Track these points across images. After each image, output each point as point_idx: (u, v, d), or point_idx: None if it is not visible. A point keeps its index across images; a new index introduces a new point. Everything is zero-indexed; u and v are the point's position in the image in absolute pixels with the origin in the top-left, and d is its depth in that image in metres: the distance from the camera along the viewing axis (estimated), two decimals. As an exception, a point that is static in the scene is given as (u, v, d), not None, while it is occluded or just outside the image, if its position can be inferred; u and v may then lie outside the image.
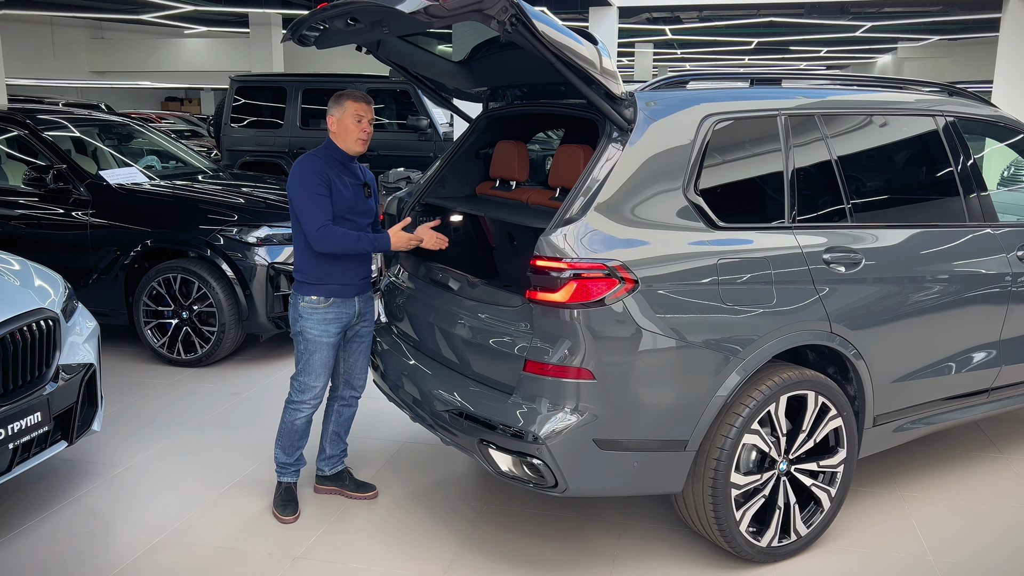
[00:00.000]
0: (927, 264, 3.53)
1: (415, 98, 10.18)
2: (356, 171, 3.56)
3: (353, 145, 3.45)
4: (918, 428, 3.68)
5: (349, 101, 3.43)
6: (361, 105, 3.44)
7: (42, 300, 3.59)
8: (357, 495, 3.77)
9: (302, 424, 3.59)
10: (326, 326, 3.47)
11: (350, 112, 3.42)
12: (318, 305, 3.46)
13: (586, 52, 2.79)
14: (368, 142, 3.49)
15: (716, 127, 3.12)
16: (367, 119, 3.45)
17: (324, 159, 3.45)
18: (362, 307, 3.60)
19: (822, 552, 3.36)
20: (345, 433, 3.84)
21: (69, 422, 3.60)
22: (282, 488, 3.66)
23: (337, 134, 3.46)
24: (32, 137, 5.88)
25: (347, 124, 3.43)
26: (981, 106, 4.07)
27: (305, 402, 3.55)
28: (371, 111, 3.47)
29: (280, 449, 3.64)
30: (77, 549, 3.36)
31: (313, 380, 3.52)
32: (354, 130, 3.43)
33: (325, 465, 3.83)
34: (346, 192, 3.44)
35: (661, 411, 2.93)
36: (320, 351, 3.49)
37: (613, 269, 2.81)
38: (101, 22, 23.98)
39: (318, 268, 3.44)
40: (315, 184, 3.35)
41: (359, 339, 3.69)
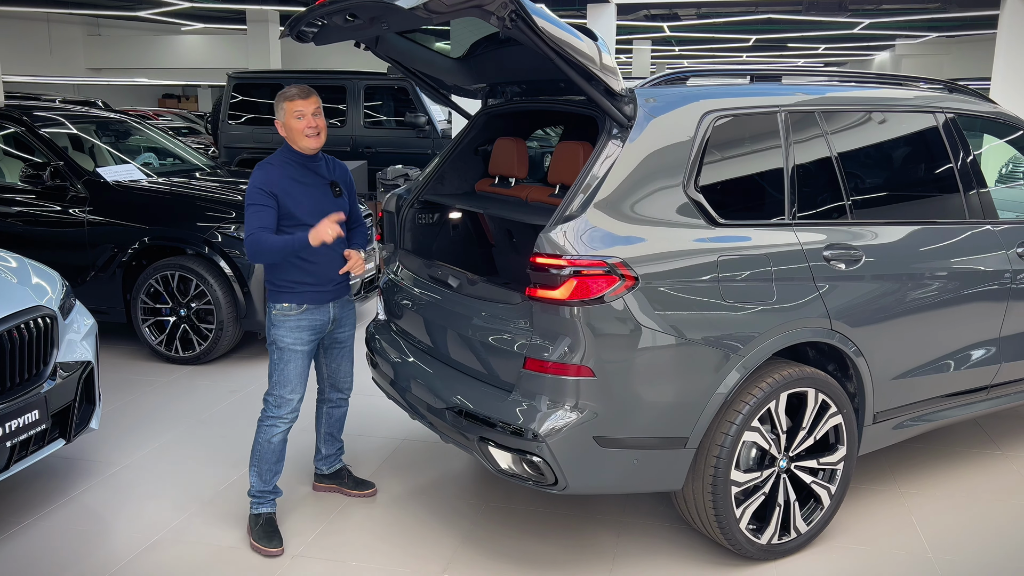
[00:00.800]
0: (927, 261, 3.53)
1: (413, 95, 10.17)
2: (321, 170, 3.40)
3: (303, 143, 3.29)
4: (918, 425, 3.67)
5: (285, 102, 3.28)
6: (297, 102, 3.27)
7: (39, 298, 3.58)
8: (356, 493, 3.74)
9: (278, 442, 3.39)
10: (299, 333, 3.34)
11: (288, 112, 3.27)
12: (290, 312, 3.33)
13: (586, 48, 2.77)
14: (321, 136, 3.32)
15: (716, 124, 3.11)
16: (310, 112, 3.27)
17: (280, 164, 3.32)
18: (338, 312, 3.47)
19: (822, 549, 3.36)
20: (339, 432, 3.77)
21: (67, 420, 3.59)
22: (261, 519, 3.38)
23: (287, 137, 3.33)
24: (29, 134, 5.86)
25: (290, 124, 3.28)
26: (981, 103, 4.06)
27: (282, 417, 3.37)
28: (313, 103, 3.29)
29: (256, 475, 3.40)
30: (75, 547, 3.35)
31: (289, 392, 3.36)
32: (299, 128, 3.27)
33: (323, 464, 3.79)
34: (306, 196, 3.29)
35: (661, 408, 2.93)
36: (295, 360, 3.34)
37: (613, 266, 2.80)
38: (98, 19, 23.93)
39: (288, 274, 3.31)
40: (254, 194, 3.23)
41: (339, 345, 3.58)
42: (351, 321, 3.60)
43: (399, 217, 3.90)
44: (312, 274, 3.33)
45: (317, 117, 3.30)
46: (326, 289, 3.38)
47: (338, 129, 10.50)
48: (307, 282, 3.33)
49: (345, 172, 3.55)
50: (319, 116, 3.31)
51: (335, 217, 3.21)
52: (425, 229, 3.98)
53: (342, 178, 3.51)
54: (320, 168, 3.41)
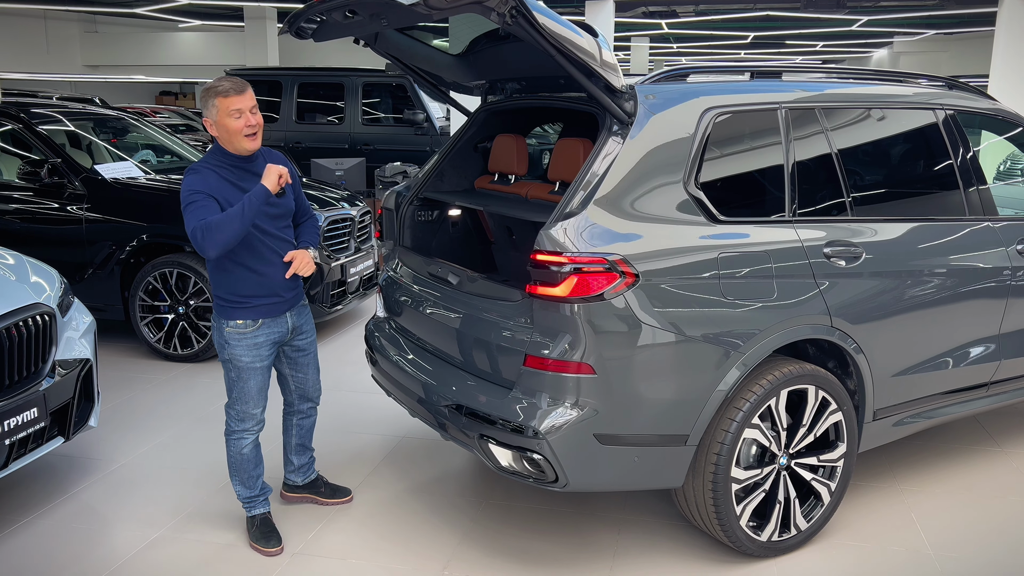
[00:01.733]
0: (927, 258, 3.53)
1: (411, 92, 10.16)
2: (257, 168, 3.12)
3: (241, 144, 3.03)
4: (918, 422, 3.67)
5: (217, 98, 2.96)
6: (232, 98, 2.96)
7: (38, 295, 3.57)
8: (332, 502, 3.58)
9: (250, 452, 3.29)
10: (258, 350, 3.17)
11: (223, 110, 2.97)
12: (246, 329, 3.13)
13: (586, 44, 2.77)
14: (259, 136, 3.05)
15: (716, 120, 3.10)
16: (248, 109, 2.99)
17: (212, 166, 3.05)
18: (296, 321, 3.29)
19: (822, 546, 3.36)
20: (310, 441, 3.61)
21: (66, 418, 3.58)
22: (257, 520, 3.34)
23: (220, 137, 3.03)
24: (26, 131, 5.85)
25: (225, 124, 2.98)
26: (980, 99, 4.06)
27: (248, 430, 3.27)
28: (250, 99, 2.99)
29: (239, 484, 3.34)
30: (74, 545, 3.34)
31: (252, 407, 3.24)
32: (236, 128, 2.99)
33: (296, 476, 3.63)
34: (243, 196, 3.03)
35: (662, 406, 2.92)
36: (254, 377, 3.19)
37: (614, 263, 2.79)
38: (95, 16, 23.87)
39: (238, 290, 3.11)
40: (190, 195, 2.98)
41: (302, 353, 3.39)
42: (310, 327, 3.42)
43: (398, 214, 3.89)
44: (263, 285, 3.14)
45: (255, 114, 3.03)
46: (280, 299, 3.20)
47: (336, 126, 10.49)
48: (259, 295, 3.14)
49: (285, 163, 3.21)
50: (256, 113, 3.04)
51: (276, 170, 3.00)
52: (424, 226, 3.97)
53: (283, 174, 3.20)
54: (258, 167, 3.13)
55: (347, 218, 6.22)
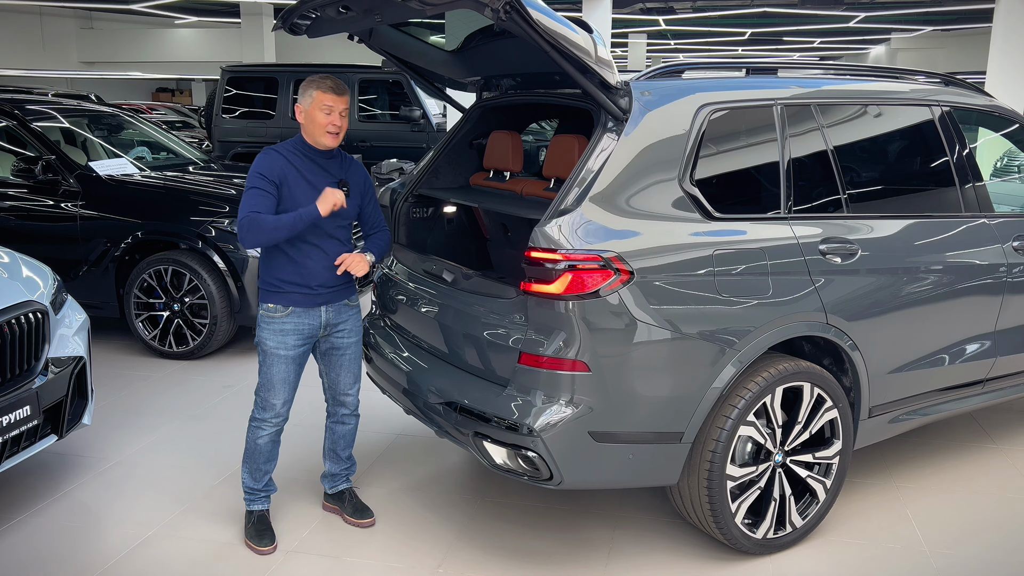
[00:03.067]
0: (923, 255, 3.52)
1: (408, 89, 10.13)
2: (331, 168, 3.21)
3: (321, 139, 3.14)
4: (913, 419, 3.67)
5: (317, 91, 3.10)
6: (330, 96, 3.10)
7: (31, 292, 3.55)
8: (353, 521, 3.49)
9: (265, 444, 3.30)
10: (283, 337, 3.19)
11: (317, 103, 3.10)
12: (275, 314, 3.18)
13: (581, 41, 2.75)
14: (340, 136, 3.16)
15: (712, 117, 3.09)
16: (338, 111, 3.11)
17: (288, 153, 3.16)
18: (332, 317, 3.28)
19: (818, 543, 3.35)
20: (344, 450, 3.54)
21: (59, 416, 3.57)
22: (254, 517, 3.35)
23: (305, 126, 3.16)
24: (20, 128, 5.82)
25: (314, 116, 3.11)
26: (977, 96, 4.05)
27: (266, 420, 3.26)
28: (343, 102, 3.12)
29: (247, 472, 3.35)
30: (67, 544, 3.33)
31: (273, 397, 3.23)
32: (322, 123, 3.10)
33: (326, 483, 3.60)
34: (310, 192, 3.12)
35: (656, 403, 2.91)
36: (278, 364, 3.21)
37: (608, 260, 2.78)
38: (91, 12, 23.79)
39: (278, 272, 3.17)
40: (255, 177, 3.08)
41: (336, 352, 3.37)
42: (352, 327, 3.38)
43: (393, 211, 3.88)
44: (301, 274, 3.17)
45: (344, 117, 3.14)
46: (316, 292, 3.20)
47: (333, 123, 10.46)
48: (295, 282, 3.17)
49: (360, 173, 3.32)
50: (345, 117, 3.15)
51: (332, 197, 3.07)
52: (419, 223, 3.95)
53: (355, 178, 3.29)
54: (331, 166, 3.23)
55: (343, 215, 6.20)
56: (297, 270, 3.18)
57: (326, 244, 3.20)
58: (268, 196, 3.08)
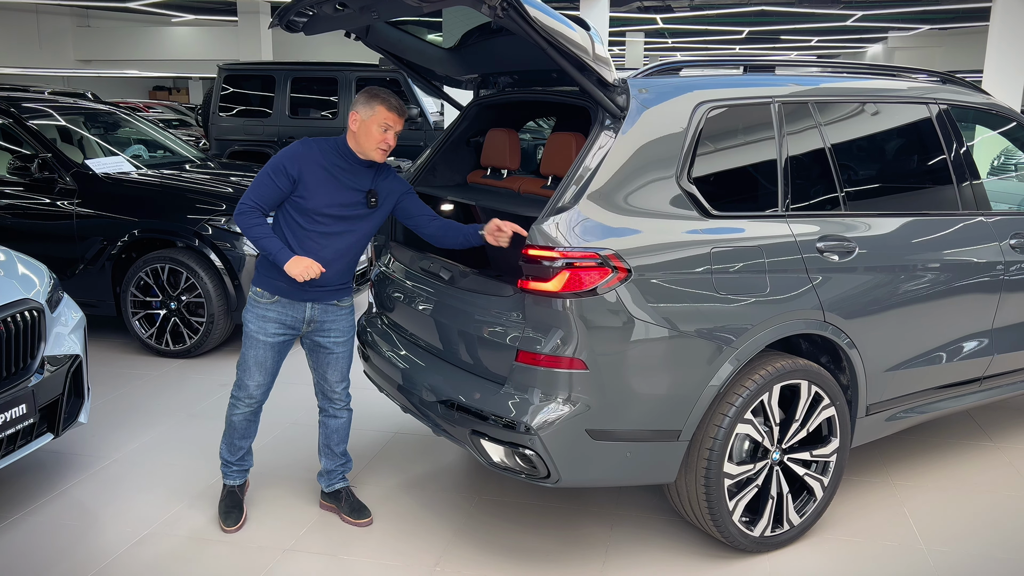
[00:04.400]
0: (920, 252, 3.52)
1: (405, 87, 10.12)
2: (362, 175, 3.19)
3: (371, 153, 3.14)
4: (911, 417, 3.67)
5: (382, 107, 3.09)
6: (394, 115, 3.11)
7: (27, 290, 3.54)
8: (349, 520, 3.48)
9: (240, 422, 3.37)
10: (264, 324, 3.24)
11: (379, 118, 3.10)
12: (261, 299, 3.24)
13: (578, 38, 2.75)
14: (388, 154, 3.17)
15: (709, 114, 3.09)
16: (395, 131, 3.13)
17: (324, 151, 3.16)
18: (317, 315, 3.28)
19: (815, 541, 3.35)
20: (338, 445, 3.54)
21: (55, 414, 3.56)
22: (225, 492, 3.46)
23: (357, 134, 3.13)
24: (16, 126, 5.80)
25: (371, 130, 3.10)
26: (974, 94, 4.05)
27: (240, 399, 3.34)
28: (401, 124, 3.14)
29: (224, 445, 3.46)
30: (64, 542, 3.32)
31: (247, 378, 3.29)
32: (377, 138, 3.11)
33: (322, 481, 3.60)
34: (330, 190, 3.13)
35: (654, 401, 2.91)
36: (255, 347, 3.26)
37: (606, 258, 2.78)
38: (87, 10, 23.73)
39: (269, 260, 3.20)
40: (275, 165, 3.11)
41: (324, 351, 3.38)
42: (340, 328, 3.37)
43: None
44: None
45: (394, 139, 3.16)
46: (303, 288, 3.20)
47: (330, 121, 10.44)
48: (285, 275, 3.16)
49: (395, 182, 3.30)
50: (395, 139, 3.16)
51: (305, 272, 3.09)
52: (417, 221, 3.94)
53: (388, 188, 3.26)
54: (364, 172, 3.20)
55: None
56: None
57: (331, 244, 3.20)
58: (276, 188, 3.12)
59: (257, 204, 3.13)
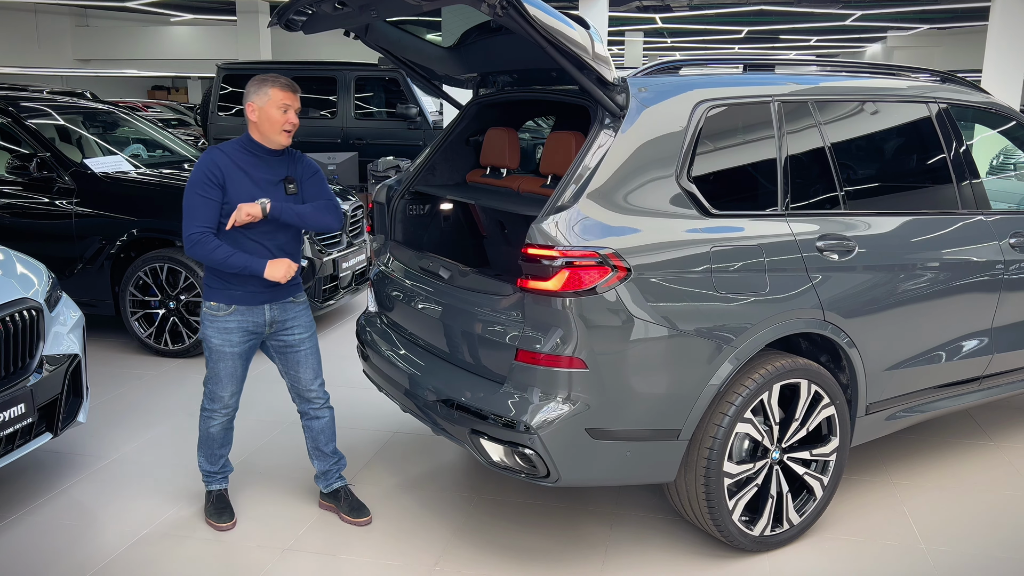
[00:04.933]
0: (920, 252, 3.52)
1: (404, 86, 10.11)
2: (277, 166, 3.21)
3: (276, 137, 3.13)
4: (910, 416, 3.67)
5: (273, 88, 3.09)
6: (287, 93, 3.10)
7: (25, 290, 3.53)
8: (350, 520, 3.47)
9: (218, 433, 3.38)
10: (227, 335, 3.22)
11: (275, 101, 3.09)
12: (218, 312, 3.20)
13: (578, 37, 2.74)
14: (293, 134, 3.16)
15: (709, 113, 3.08)
16: (293, 109, 3.13)
17: (232, 152, 3.14)
18: (277, 315, 3.28)
19: (815, 540, 3.35)
20: (326, 445, 3.51)
21: (54, 413, 3.55)
22: (213, 496, 3.47)
23: (258, 124, 3.12)
24: (15, 125, 5.79)
25: (271, 114, 3.09)
26: (974, 93, 4.05)
27: (216, 411, 3.34)
28: (298, 101, 3.14)
29: (203, 457, 3.44)
30: (63, 542, 3.32)
31: (220, 390, 3.30)
32: (279, 120, 3.10)
33: (320, 482, 3.59)
34: (252, 190, 3.12)
35: (654, 400, 2.91)
36: (224, 360, 3.25)
37: (606, 257, 2.77)
38: (86, 10, 23.70)
39: (220, 271, 3.16)
40: (201, 183, 3.06)
41: (291, 350, 3.36)
42: (303, 324, 3.37)
43: (389, 208, 3.87)
44: (241, 275, 3.16)
45: (296, 116, 3.16)
46: (258, 291, 3.21)
47: (329, 121, 10.44)
48: (236, 282, 3.18)
49: (309, 167, 3.32)
50: (297, 116, 3.17)
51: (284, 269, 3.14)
52: (416, 220, 3.94)
53: (305, 172, 3.29)
54: (277, 163, 3.22)
55: (339, 212, 6.18)
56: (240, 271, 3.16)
57: (271, 242, 3.21)
58: (213, 204, 3.08)
59: (205, 228, 3.08)
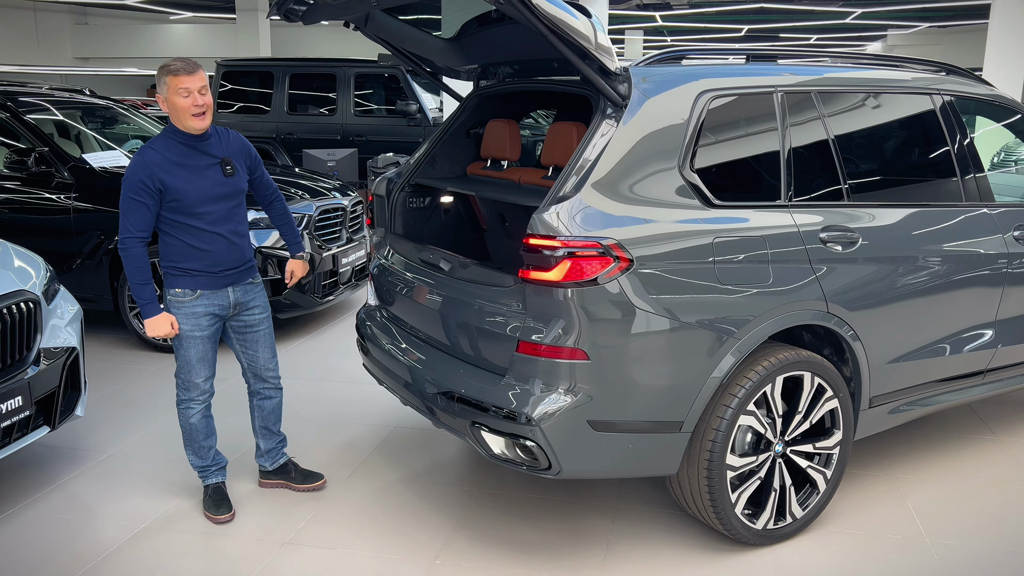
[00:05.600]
0: (924, 244, 3.49)
1: (404, 83, 10.08)
2: (209, 149, 3.19)
3: (189, 122, 3.08)
4: (914, 410, 3.64)
5: (168, 76, 3.05)
6: (182, 78, 3.04)
7: (23, 282, 3.51)
8: (304, 487, 3.57)
9: (199, 422, 3.37)
10: (196, 320, 3.24)
11: (172, 88, 3.05)
12: (184, 298, 3.21)
13: (581, 26, 2.72)
14: (208, 116, 3.11)
15: (712, 104, 3.06)
16: (196, 89, 3.05)
17: (162, 148, 3.11)
18: (240, 296, 3.33)
19: (818, 534, 3.33)
20: (275, 424, 3.60)
21: (51, 407, 3.53)
22: (210, 490, 3.44)
23: (171, 115, 3.11)
24: (14, 120, 5.77)
25: (175, 102, 3.06)
26: (978, 85, 4.02)
27: (193, 399, 3.34)
28: (199, 79, 3.06)
29: (191, 453, 3.43)
30: (60, 536, 3.29)
31: (194, 376, 3.30)
32: (184, 106, 3.05)
33: (265, 461, 3.63)
34: (194, 180, 3.11)
35: (656, 392, 2.88)
36: (195, 346, 3.26)
37: (608, 247, 2.75)
38: (85, 7, 23.68)
39: (180, 261, 3.18)
40: (134, 187, 3.05)
41: (250, 330, 3.43)
42: (262, 304, 3.44)
43: (389, 201, 3.84)
44: (205, 260, 3.20)
45: (204, 95, 3.09)
46: (221, 274, 3.25)
47: (328, 117, 10.41)
48: (199, 267, 3.20)
49: (241, 144, 3.32)
50: (206, 94, 3.10)
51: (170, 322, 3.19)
52: (416, 213, 3.92)
53: (237, 152, 3.29)
54: (209, 147, 3.20)
55: (339, 208, 6.17)
56: (201, 256, 3.20)
57: (226, 228, 3.23)
58: (144, 208, 3.07)
59: (138, 233, 3.08)
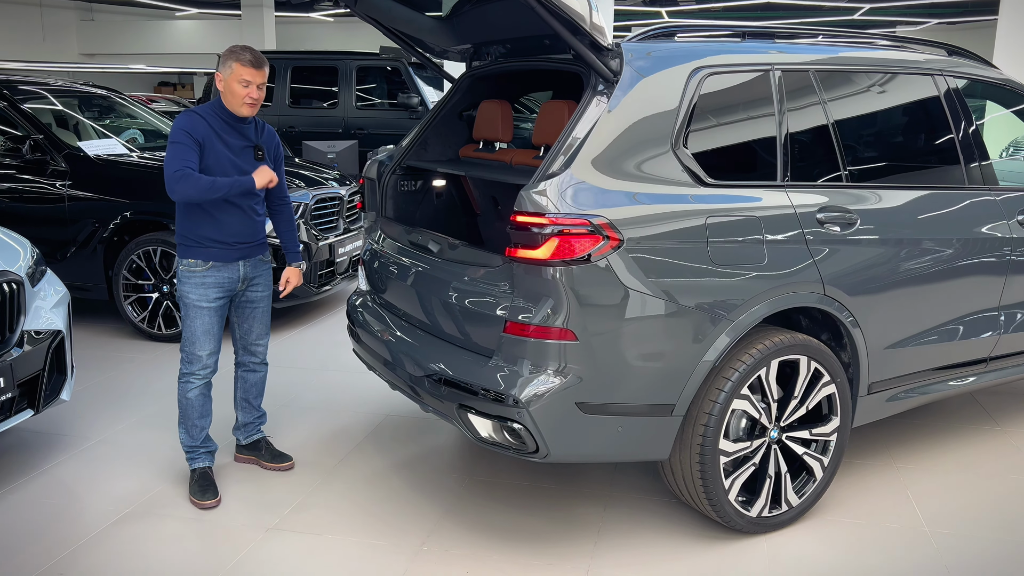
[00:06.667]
0: (925, 227, 3.41)
1: (406, 76, 10.02)
2: (247, 132, 3.37)
3: (239, 108, 3.27)
4: (913, 398, 3.56)
5: (237, 63, 3.23)
6: (248, 70, 3.23)
7: (7, 263, 3.46)
8: (272, 466, 3.64)
9: (197, 398, 3.40)
10: (205, 291, 3.32)
11: (236, 75, 3.23)
12: (196, 268, 3.31)
13: (578, 6, 2.66)
14: (256, 107, 3.30)
15: (706, 81, 2.99)
16: (256, 84, 3.25)
17: (207, 116, 3.28)
18: (249, 271, 3.43)
19: (814, 523, 3.25)
20: (256, 399, 3.67)
21: (35, 390, 3.48)
22: (196, 474, 3.43)
23: (224, 94, 3.27)
24: (9, 108, 5.73)
25: (232, 87, 3.24)
26: (984, 67, 3.94)
27: (194, 373, 3.37)
28: (261, 76, 3.25)
29: (183, 431, 3.44)
30: (43, 520, 3.24)
31: (198, 349, 3.35)
32: (239, 94, 3.24)
33: (240, 434, 3.71)
34: (226, 153, 3.27)
35: (647, 374, 2.81)
36: (200, 316, 3.33)
37: (597, 226, 2.68)
38: (91, 4, 23.72)
39: (195, 230, 3.29)
40: (179, 133, 3.19)
41: (250, 304, 3.52)
42: (265, 282, 3.53)
43: (380, 184, 3.78)
44: (220, 231, 3.30)
45: (260, 90, 3.26)
46: (235, 246, 3.34)
47: (330, 110, 10.36)
48: (215, 238, 3.30)
49: (273, 138, 3.49)
50: (262, 90, 3.28)
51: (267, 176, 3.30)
52: (407, 196, 3.86)
53: (268, 143, 3.46)
54: (247, 130, 3.37)
55: (336, 197, 6.12)
56: (217, 227, 3.30)
57: (244, 203, 3.34)
58: (194, 152, 3.18)
59: (187, 166, 3.16)
